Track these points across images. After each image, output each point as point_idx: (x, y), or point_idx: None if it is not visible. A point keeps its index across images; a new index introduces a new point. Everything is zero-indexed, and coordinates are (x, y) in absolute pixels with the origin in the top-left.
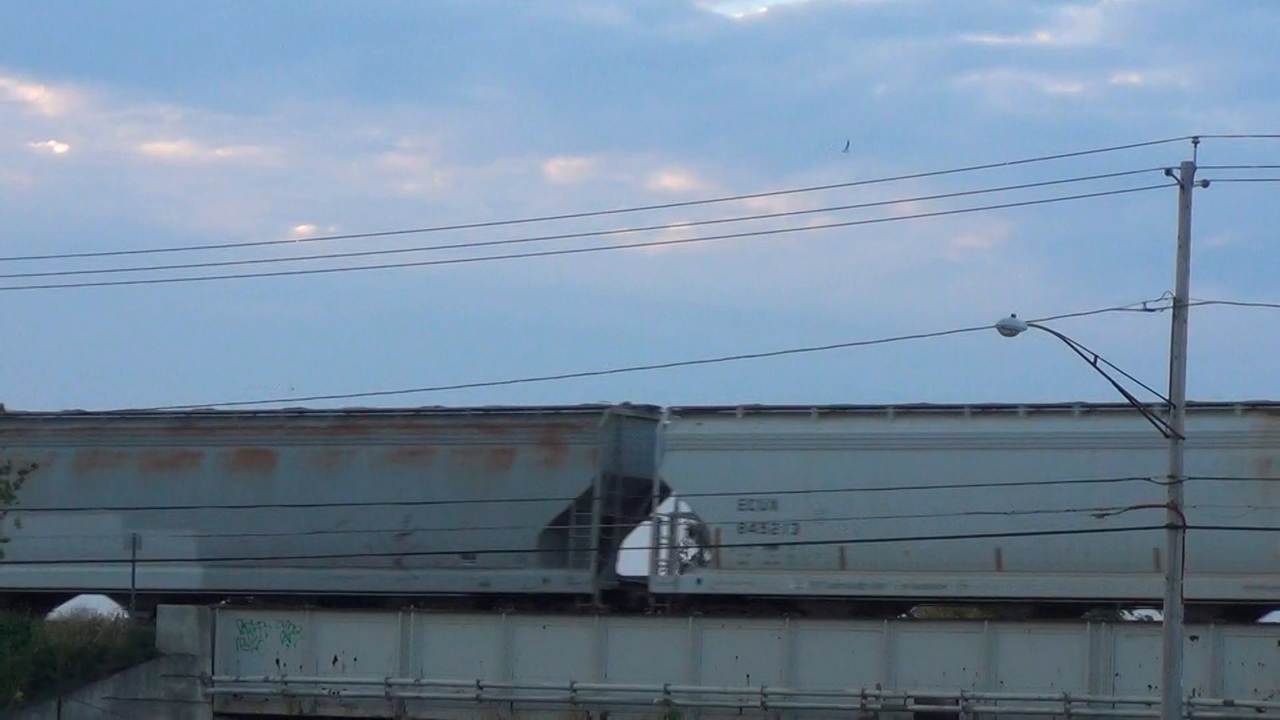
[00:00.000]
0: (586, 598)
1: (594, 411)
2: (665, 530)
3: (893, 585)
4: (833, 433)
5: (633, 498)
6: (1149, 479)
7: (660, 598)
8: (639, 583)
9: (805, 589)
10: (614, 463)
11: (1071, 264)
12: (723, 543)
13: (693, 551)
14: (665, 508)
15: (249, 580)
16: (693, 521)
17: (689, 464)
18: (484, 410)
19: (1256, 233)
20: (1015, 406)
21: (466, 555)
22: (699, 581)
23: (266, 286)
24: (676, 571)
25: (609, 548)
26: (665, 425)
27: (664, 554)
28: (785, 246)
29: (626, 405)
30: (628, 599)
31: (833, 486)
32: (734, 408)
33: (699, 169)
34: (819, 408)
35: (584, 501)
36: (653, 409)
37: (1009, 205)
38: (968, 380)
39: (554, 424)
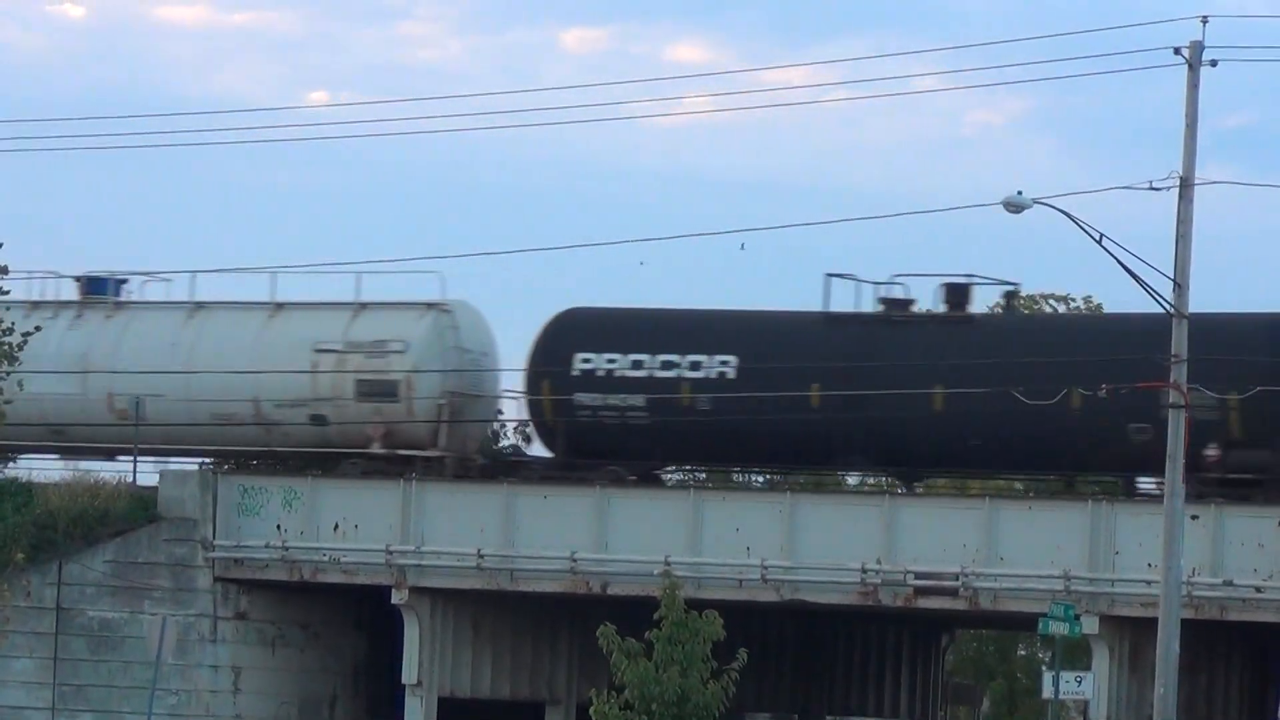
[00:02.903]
0: None
1: None
2: None
3: None
4: None
5: None
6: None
7: None
8: None
9: None
10: None
11: (1087, 143)
12: None
13: None
14: None
15: None
16: None
17: None
18: None
19: (1274, 113)
20: None
21: None
22: None
23: (280, 153)
24: None
25: None
26: None
27: None
28: (802, 120)
29: None
30: None
31: None
32: None
33: (716, 40)
34: None
35: None
36: None
37: (1024, 81)
38: (978, 256)
39: None
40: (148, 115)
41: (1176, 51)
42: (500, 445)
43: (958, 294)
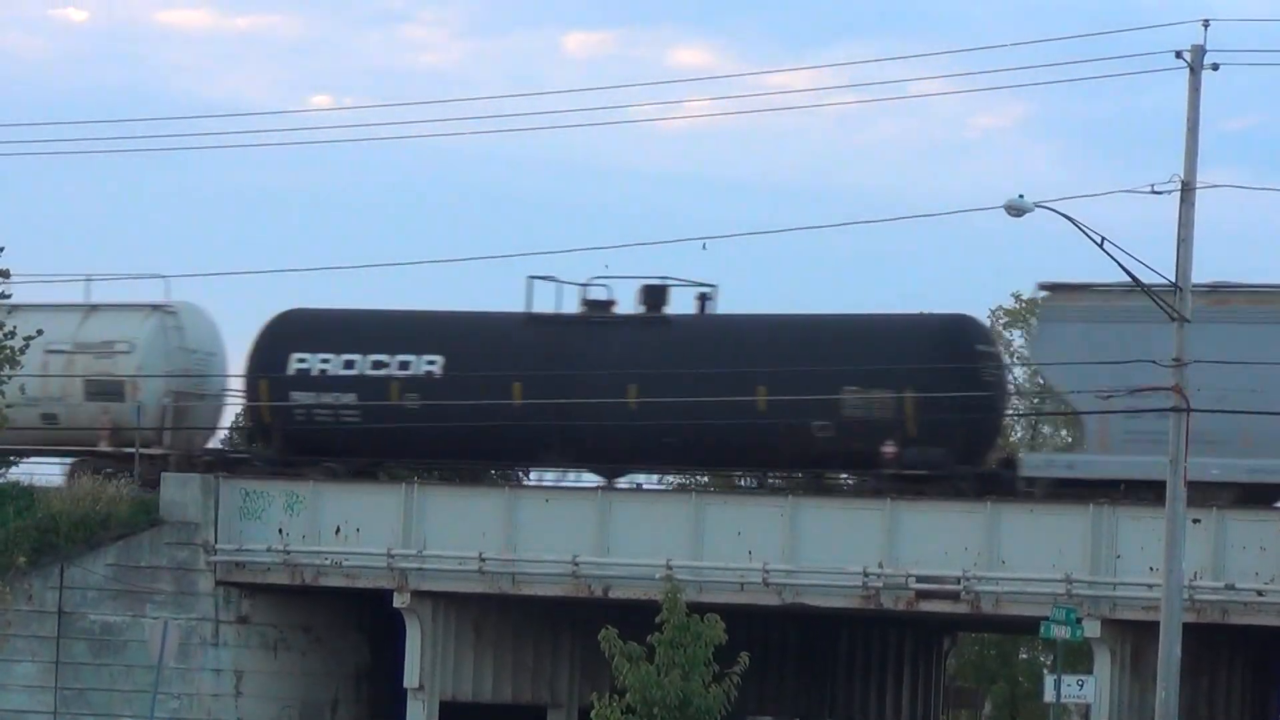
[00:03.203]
0: None
1: None
2: None
3: None
4: None
5: None
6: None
7: None
8: None
9: None
10: None
11: (1089, 147)
12: None
13: None
14: None
15: None
16: None
17: None
18: None
19: (1276, 116)
20: None
21: None
22: None
23: (282, 157)
24: None
25: None
26: None
27: None
28: (804, 124)
29: None
30: None
31: None
32: None
33: (718, 45)
34: None
35: None
36: None
37: (1027, 85)
38: (979, 261)
39: None
40: (150, 119)
41: (1178, 55)
42: (223, 443)
43: (655, 295)
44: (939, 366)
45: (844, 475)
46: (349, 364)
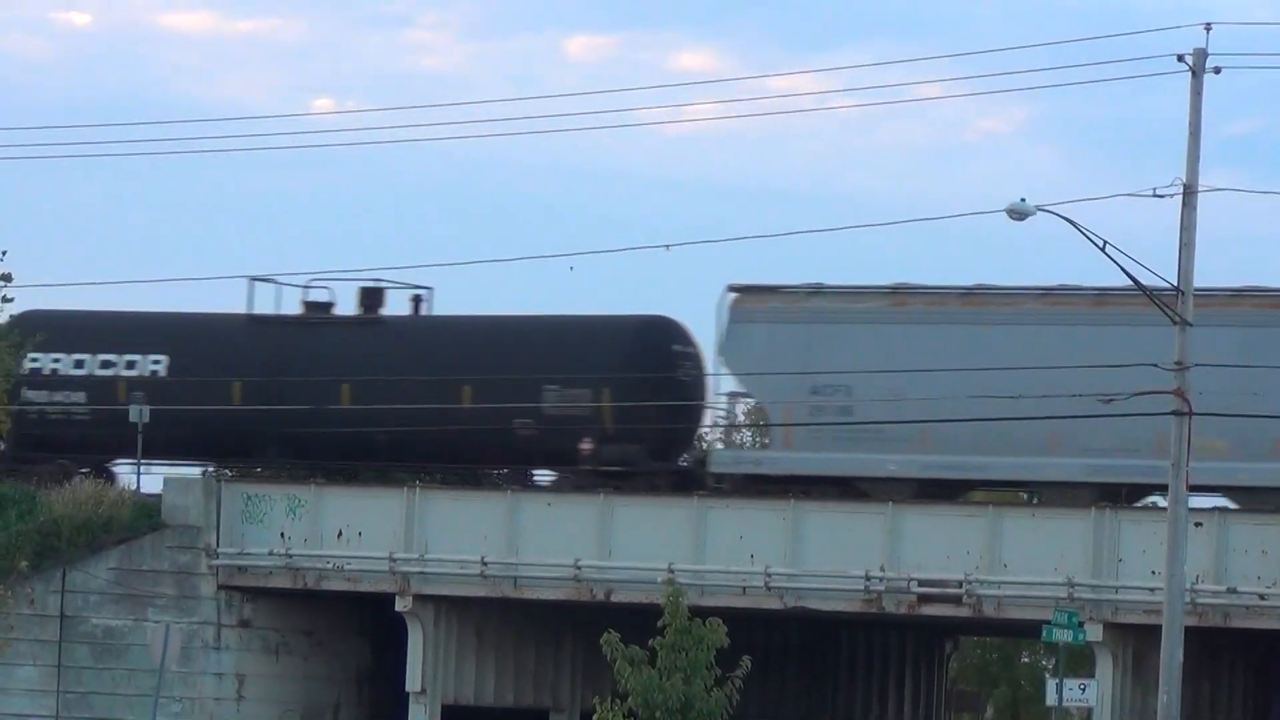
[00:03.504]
0: None
1: None
2: None
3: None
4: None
5: None
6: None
7: None
8: None
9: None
10: None
11: (1091, 150)
12: None
13: None
14: None
15: None
16: None
17: None
18: None
19: (1278, 120)
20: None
21: None
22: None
23: (285, 160)
24: None
25: None
26: None
27: None
28: (807, 127)
29: None
30: None
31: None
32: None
33: (721, 48)
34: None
35: None
36: None
37: (1029, 88)
38: (981, 264)
39: None
40: (152, 122)
41: (1180, 59)
42: None
43: (372, 297)
44: (635, 366)
45: (544, 473)
46: (79, 363)
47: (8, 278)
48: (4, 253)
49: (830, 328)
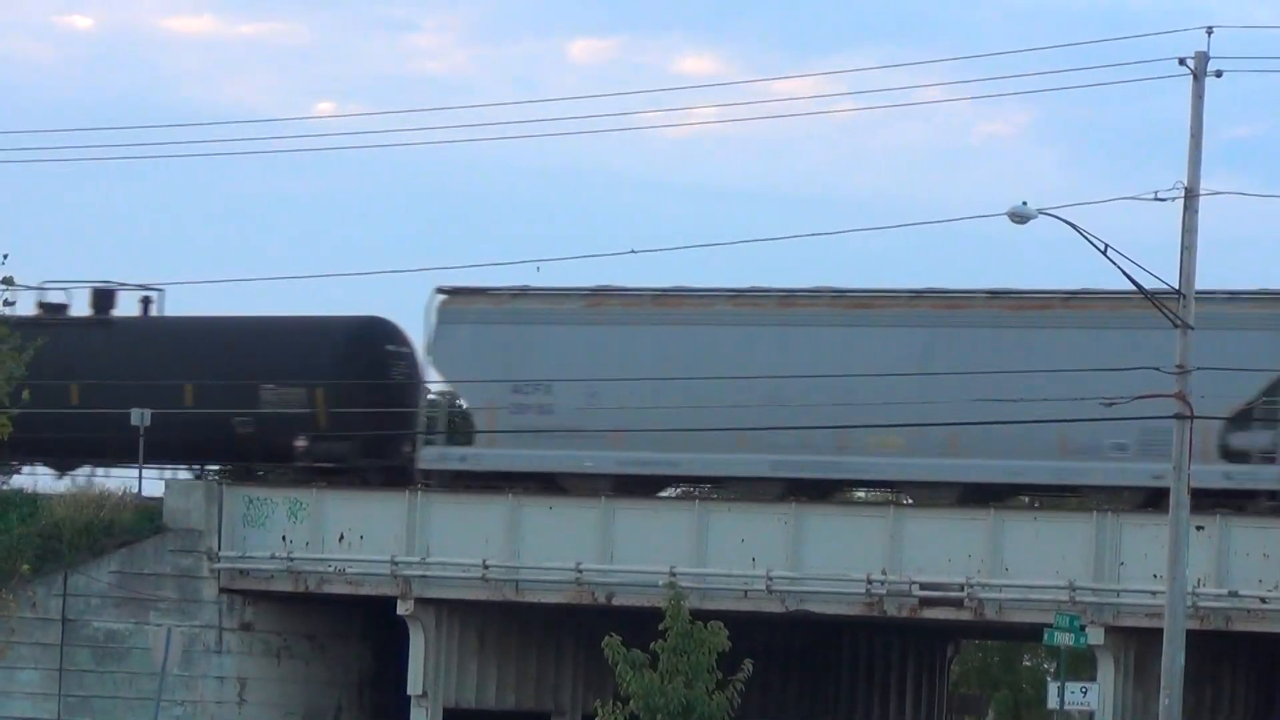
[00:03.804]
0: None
1: None
2: None
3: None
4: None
5: None
6: (1158, 368)
7: None
8: None
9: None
10: None
11: (1094, 153)
12: None
13: None
14: None
15: None
16: None
17: None
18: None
19: None
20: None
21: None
22: None
23: (288, 163)
24: None
25: None
26: None
27: None
28: (809, 131)
29: None
30: None
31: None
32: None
33: (723, 52)
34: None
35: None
36: None
37: (1030, 92)
38: (982, 266)
39: None
40: (155, 126)
41: (1181, 62)
42: None
43: (103, 299)
44: (348, 366)
45: (258, 467)
46: None
47: (9, 281)
48: (5, 256)
49: (531, 329)
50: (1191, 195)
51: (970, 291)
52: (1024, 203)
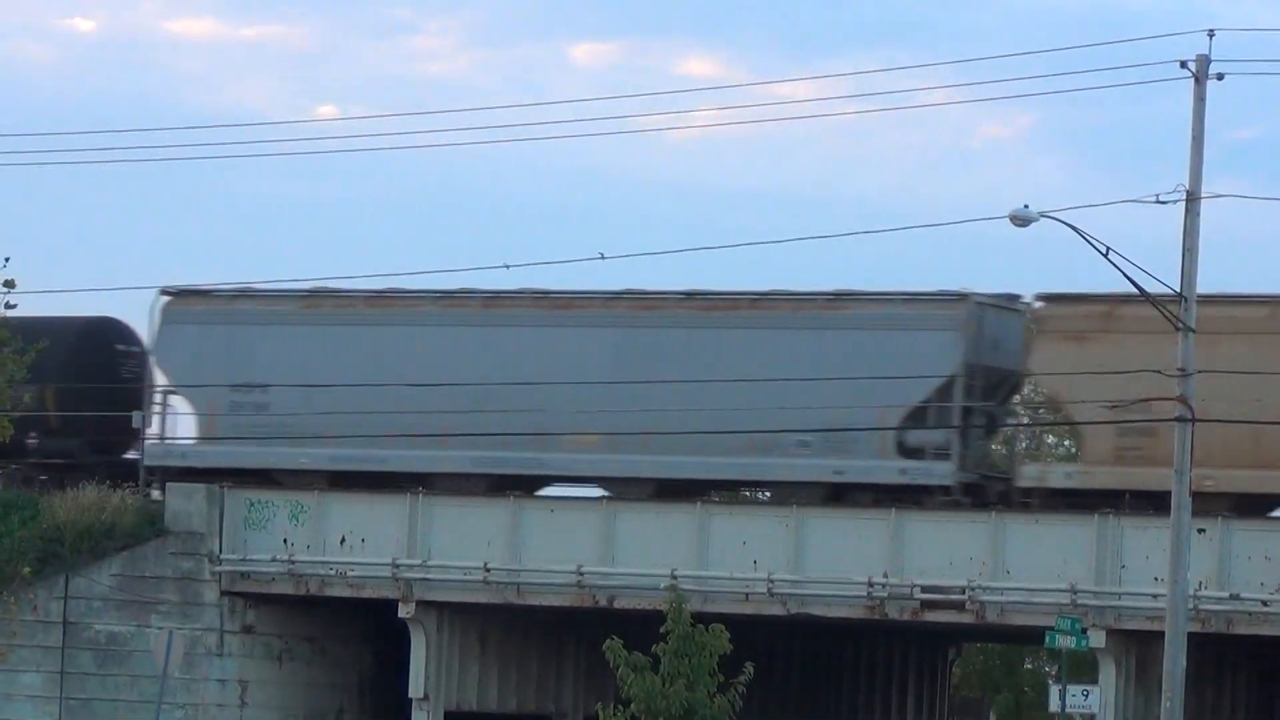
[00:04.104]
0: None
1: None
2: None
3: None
4: None
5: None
6: (1159, 371)
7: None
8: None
9: None
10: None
11: (1096, 156)
12: None
13: None
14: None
15: None
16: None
17: None
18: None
19: None
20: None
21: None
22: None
23: (289, 166)
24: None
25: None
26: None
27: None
28: (811, 133)
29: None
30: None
31: None
32: None
33: (725, 55)
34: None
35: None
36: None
37: (1032, 95)
38: (983, 269)
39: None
40: (157, 129)
41: (1183, 65)
42: None
43: None
44: (78, 365)
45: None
46: None
47: (10, 284)
48: (7, 259)
49: (250, 329)
50: (1193, 198)
51: (665, 292)
52: (1026, 205)
